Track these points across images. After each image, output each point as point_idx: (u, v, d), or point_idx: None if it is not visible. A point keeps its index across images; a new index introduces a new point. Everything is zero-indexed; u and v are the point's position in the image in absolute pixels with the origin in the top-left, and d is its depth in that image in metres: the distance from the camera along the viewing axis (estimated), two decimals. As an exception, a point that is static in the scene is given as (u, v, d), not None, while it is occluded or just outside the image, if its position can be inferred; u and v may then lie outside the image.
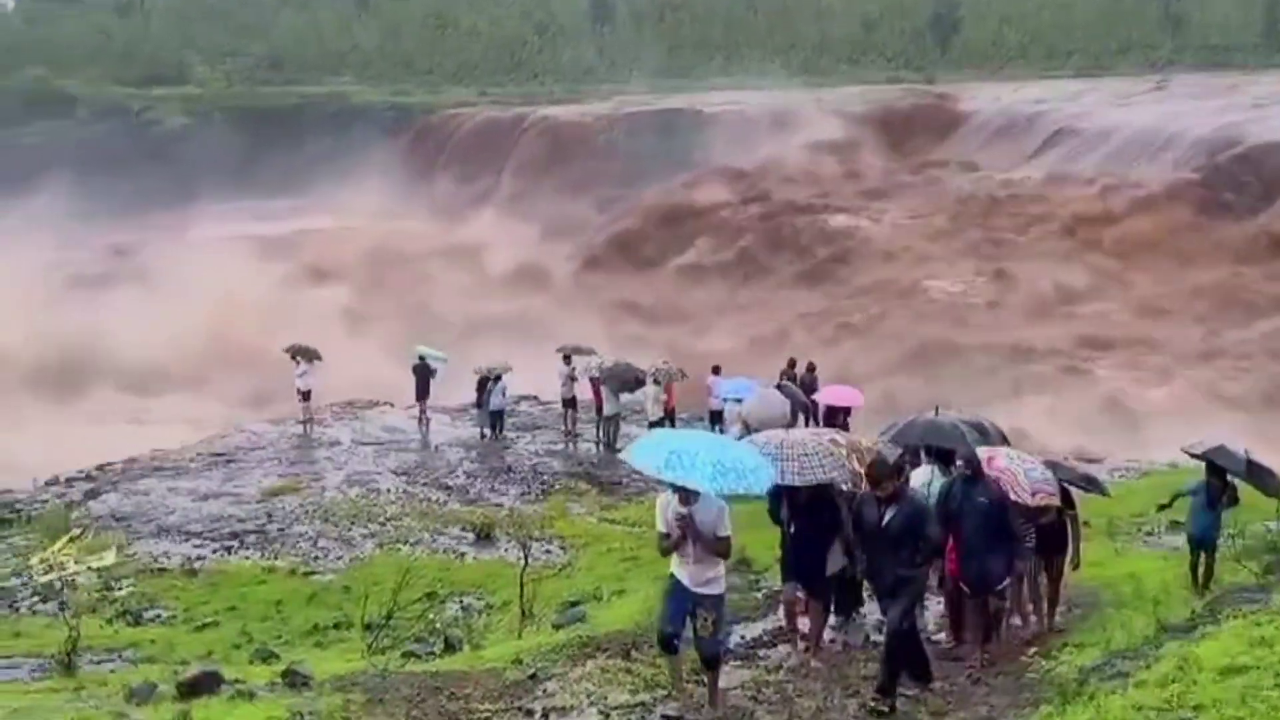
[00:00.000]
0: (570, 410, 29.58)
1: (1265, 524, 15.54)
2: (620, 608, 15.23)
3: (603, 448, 28.31)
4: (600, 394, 28.18)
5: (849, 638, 12.39)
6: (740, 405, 23.11)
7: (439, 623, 16.54)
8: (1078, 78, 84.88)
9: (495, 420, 29.41)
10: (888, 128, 72.97)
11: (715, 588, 9.76)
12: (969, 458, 11.73)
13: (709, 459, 9.37)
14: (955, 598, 12.15)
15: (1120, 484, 22.44)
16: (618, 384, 27.72)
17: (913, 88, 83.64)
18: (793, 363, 28.03)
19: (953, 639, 12.28)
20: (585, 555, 20.23)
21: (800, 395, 24.42)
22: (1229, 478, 13.86)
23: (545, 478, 26.04)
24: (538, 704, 10.38)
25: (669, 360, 29.31)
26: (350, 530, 21.81)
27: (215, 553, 20.84)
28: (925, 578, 11.03)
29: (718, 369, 28.30)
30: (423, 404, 30.43)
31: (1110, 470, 24.37)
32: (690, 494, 9.45)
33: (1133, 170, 57.33)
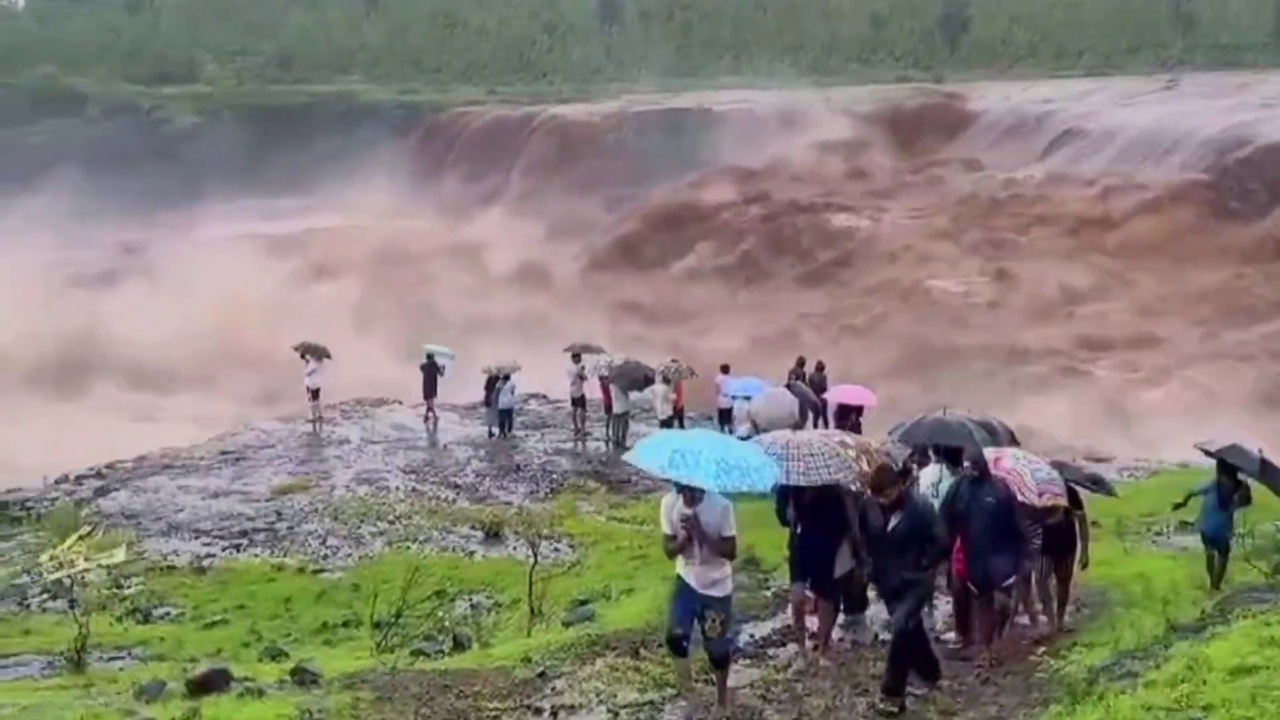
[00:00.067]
0: (579, 409, 29.48)
1: (1276, 524, 15.54)
2: (629, 606, 15.22)
3: (612, 446, 28.21)
4: (609, 392, 28.11)
5: (857, 636, 12.39)
6: (749, 404, 23.17)
7: (448, 621, 16.53)
8: (1088, 77, 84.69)
9: (504, 419, 29.38)
10: (896, 127, 73.00)
11: (722, 589, 9.76)
12: (976, 459, 11.71)
13: (713, 457, 9.35)
14: (962, 597, 12.14)
15: (1129, 484, 22.41)
16: (627, 382, 27.66)
17: (922, 87, 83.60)
18: (802, 361, 28.02)
19: (960, 639, 12.27)
20: (594, 554, 20.20)
21: (810, 394, 24.43)
22: (1240, 477, 13.85)
23: (554, 476, 25.99)
24: (546, 702, 10.39)
25: (678, 358, 29.31)
26: (359, 528, 21.79)
27: (224, 550, 20.84)
28: (932, 579, 11.02)
29: (726, 368, 28.21)
30: (430, 402, 30.40)
31: (1119, 470, 24.30)
32: (695, 494, 9.45)
33: (1140, 171, 57.25)
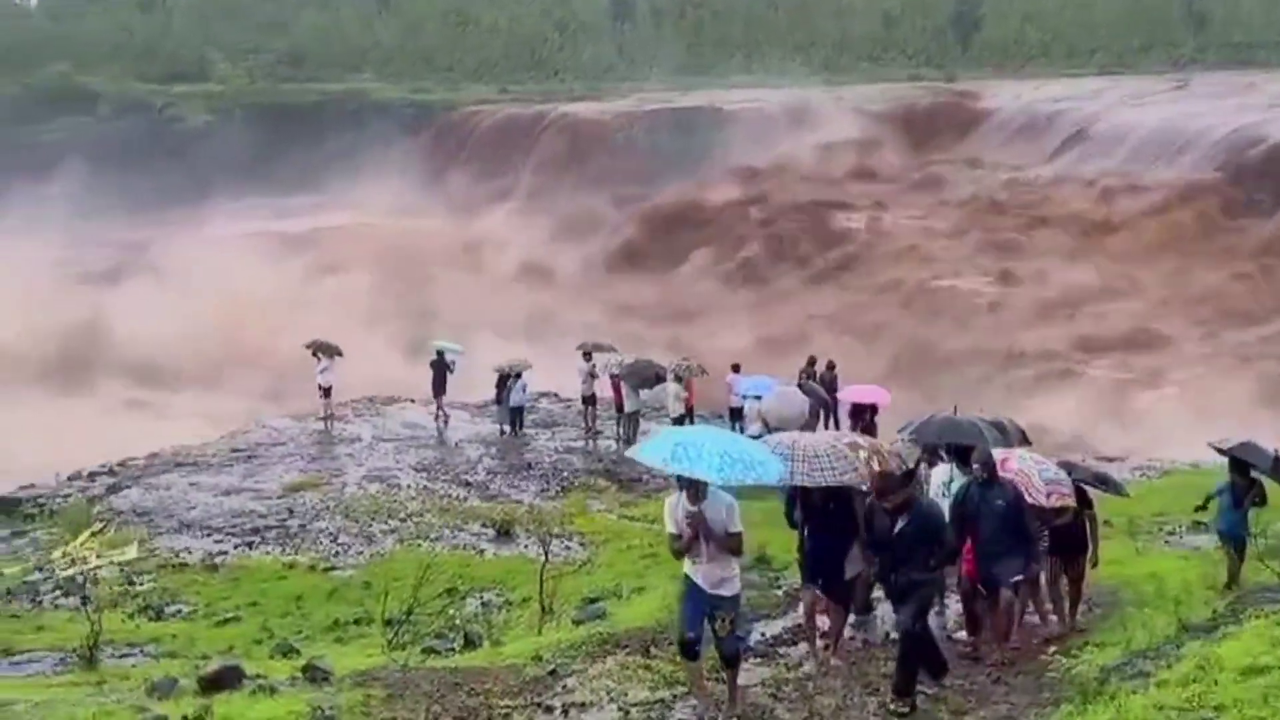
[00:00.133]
0: (590, 407, 29.51)
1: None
2: (640, 604, 15.22)
3: (622, 444, 28.13)
4: (620, 391, 28.12)
5: (868, 636, 12.37)
6: (760, 403, 23.13)
7: (459, 619, 16.57)
8: (1099, 76, 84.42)
9: (515, 417, 29.42)
10: (908, 126, 72.90)
11: (731, 588, 9.72)
12: (985, 461, 11.61)
13: (715, 450, 9.29)
14: (972, 598, 12.12)
15: (1141, 483, 22.38)
16: (637, 381, 27.64)
17: (933, 85, 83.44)
18: (813, 361, 27.97)
19: (972, 639, 12.24)
20: (605, 552, 20.22)
21: (821, 393, 24.43)
22: (1254, 475, 13.82)
23: (565, 474, 26.02)
24: (557, 700, 10.40)
25: (689, 356, 29.29)
26: (371, 526, 21.84)
27: (236, 548, 20.91)
28: (940, 580, 11.00)
29: (737, 366, 28.14)
30: (440, 400, 30.43)
31: (1131, 470, 24.29)
32: (699, 492, 9.43)
33: (1149, 171, 57.11)
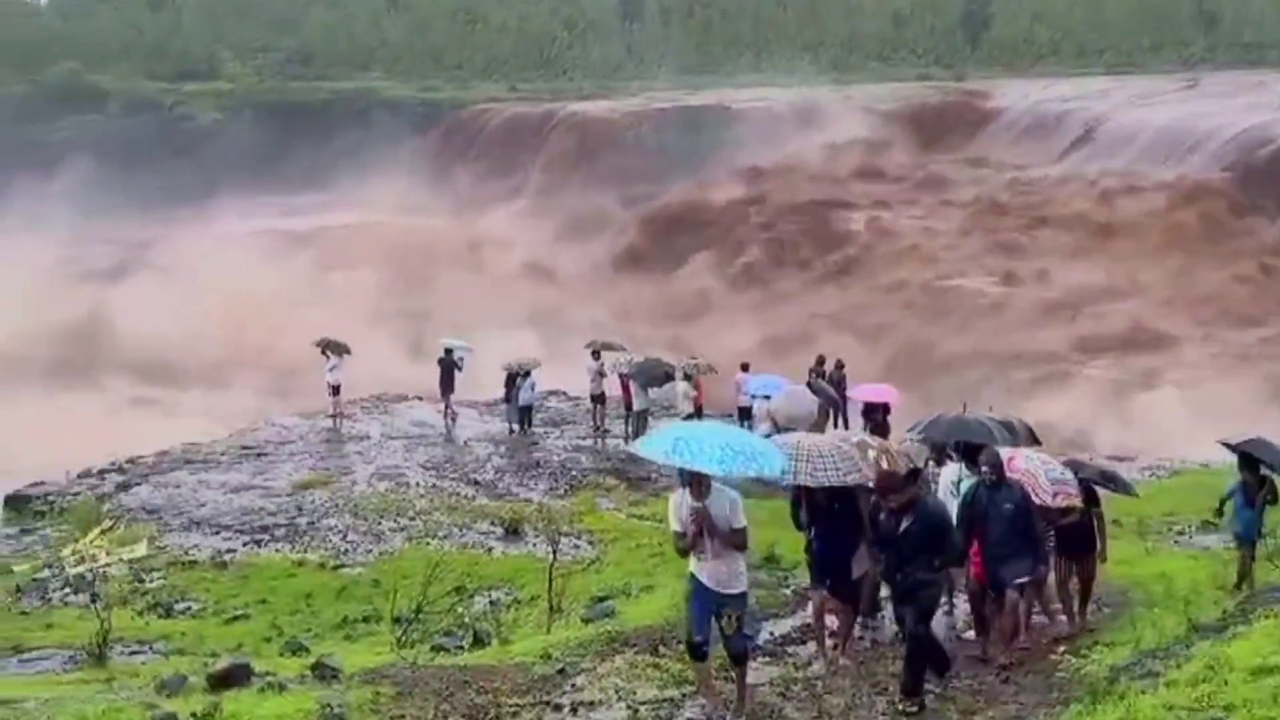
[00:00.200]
0: (599, 406, 29.49)
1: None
2: (648, 603, 15.22)
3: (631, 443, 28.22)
4: (629, 390, 28.10)
5: (877, 635, 12.37)
6: (769, 402, 23.08)
7: (467, 617, 16.59)
8: (1108, 75, 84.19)
9: (524, 415, 29.41)
10: (917, 125, 72.79)
11: (737, 586, 9.69)
12: (993, 463, 11.56)
13: (716, 443, 9.28)
14: (980, 599, 12.09)
15: (1150, 483, 22.35)
16: (646, 379, 27.60)
17: (942, 85, 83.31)
18: (821, 360, 27.92)
19: (980, 639, 12.22)
20: (613, 550, 20.22)
21: (830, 392, 24.41)
22: (1264, 472, 13.76)
23: (573, 473, 26.00)
24: (566, 698, 10.41)
25: (698, 355, 29.28)
26: (379, 524, 21.86)
27: (245, 546, 20.95)
28: (946, 580, 10.97)
29: (746, 365, 28.11)
30: (447, 398, 30.43)
31: (1141, 469, 24.25)
32: (702, 488, 9.41)
33: (1155, 171, 56.98)
